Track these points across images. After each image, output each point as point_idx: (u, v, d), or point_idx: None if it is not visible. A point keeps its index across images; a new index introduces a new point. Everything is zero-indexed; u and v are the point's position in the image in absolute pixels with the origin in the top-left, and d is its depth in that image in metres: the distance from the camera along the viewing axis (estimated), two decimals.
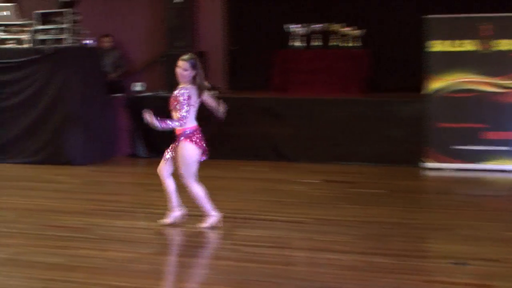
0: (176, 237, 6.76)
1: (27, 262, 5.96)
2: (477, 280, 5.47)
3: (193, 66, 6.76)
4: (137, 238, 6.77)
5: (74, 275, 5.61)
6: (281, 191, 8.88)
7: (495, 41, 10.06)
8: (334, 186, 9.18)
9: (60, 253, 6.19)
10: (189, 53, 6.90)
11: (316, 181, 9.43)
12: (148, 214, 7.75)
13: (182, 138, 6.81)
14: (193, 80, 6.78)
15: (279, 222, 7.26)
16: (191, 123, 6.85)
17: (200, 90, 6.84)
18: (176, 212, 7.03)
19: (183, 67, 6.74)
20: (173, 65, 12.31)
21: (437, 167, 10.16)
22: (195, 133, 6.85)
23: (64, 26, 10.77)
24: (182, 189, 7.01)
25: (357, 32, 12.52)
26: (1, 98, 10.87)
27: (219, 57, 13.41)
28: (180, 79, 6.80)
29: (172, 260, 5.98)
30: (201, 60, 12.62)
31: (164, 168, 6.98)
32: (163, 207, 7.86)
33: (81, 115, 10.69)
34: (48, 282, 5.44)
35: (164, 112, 11.38)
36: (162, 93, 11.93)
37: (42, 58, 10.65)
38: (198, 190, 6.89)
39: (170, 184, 6.98)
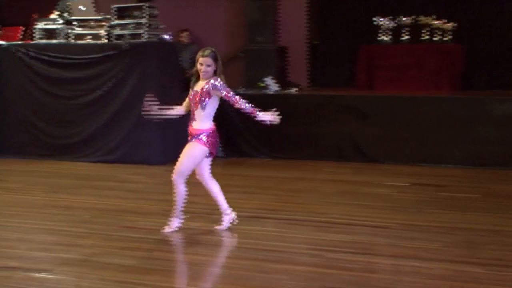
0: (252, 240, 6.77)
1: (100, 263, 6.09)
2: None
3: (215, 60, 6.75)
4: (212, 241, 6.82)
5: (147, 278, 5.69)
6: (365, 194, 8.81)
7: None
8: (422, 190, 9.05)
9: (134, 255, 6.29)
10: (208, 48, 6.83)
11: (403, 184, 9.32)
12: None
13: (196, 139, 6.83)
14: (214, 75, 6.79)
15: (363, 227, 7.21)
16: (210, 123, 6.92)
17: None
18: (230, 214, 7.16)
19: (206, 63, 6.71)
20: (253, 60, 12.61)
21: None
22: (211, 136, 6.89)
23: (141, 20, 10.92)
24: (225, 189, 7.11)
25: (449, 25, 12.31)
26: (77, 95, 11.12)
27: (301, 52, 13.39)
28: (203, 76, 6.77)
29: (249, 264, 6.00)
30: (282, 56, 12.90)
31: (205, 170, 7.06)
32: (241, 209, 7.93)
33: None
34: (121, 285, 5.54)
35: (242, 112, 11.50)
36: (241, 90, 12.02)
37: (119, 54, 10.83)
38: (183, 191, 6.93)
39: (214, 186, 7.15)
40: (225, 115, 11.54)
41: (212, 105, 6.84)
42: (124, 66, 10.81)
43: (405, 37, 12.58)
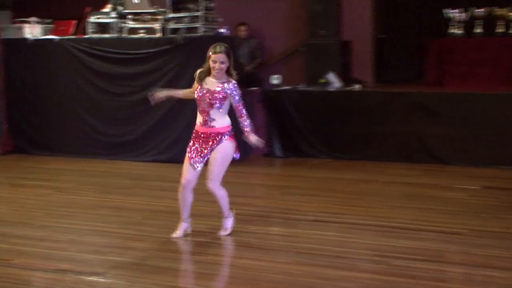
0: (313, 245, 6.75)
1: (153, 267, 6.14)
2: None
3: (229, 56, 6.68)
4: (271, 245, 6.83)
5: (202, 283, 5.74)
6: (435, 197, 8.71)
7: None
8: (496, 193, 8.91)
9: (188, 259, 6.36)
10: (219, 43, 6.73)
11: (475, 187, 9.19)
12: (283, 219, 7.82)
13: (227, 137, 6.79)
14: (228, 72, 6.75)
15: (432, 233, 7.13)
16: (228, 118, 6.86)
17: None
18: (185, 224, 7.10)
19: (220, 60, 6.61)
20: (315, 55, 12.57)
21: None
22: (232, 133, 6.87)
23: (197, 14, 10.98)
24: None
25: None
26: (130, 92, 11.24)
27: (366, 47, 13.30)
28: (217, 74, 6.68)
29: (309, 270, 5.98)
30: (345, 51, 12.84)
31: (194, 180, 6.96)
32: (301, 212, 7.92)
33: None
34: None
35: (302, 107, 11.53)
36: (301, 87, 12.02)
37: (174, 48, 10.92)
38: (224, 193, 7.03)
39: (191, 196, 7.03)
40: (284, 114, 11.56)
41: (228, 103, 6.81)
42: (179, 61, 10.89)
43: (478, 30, 12.38)
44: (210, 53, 6.62)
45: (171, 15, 11.15)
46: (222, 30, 11.41)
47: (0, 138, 11.93)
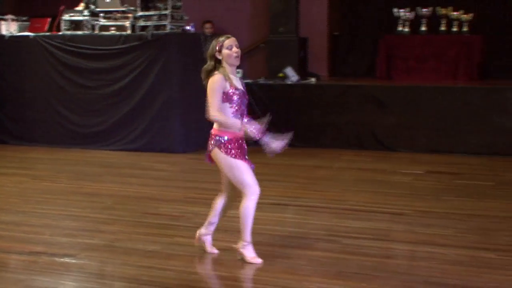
0: (272, 226, 6.79)
1: (124, 248, 6.13)
2: None
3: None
4: (234, 227, 6.82)
5: (171, 263, 5.73)
6: (383, 181, 8.80)
7: None
8: (439, 177, 9.02)
9: (157, 240, 6.33)
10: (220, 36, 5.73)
11: (420, 172, 9.30)
12: None
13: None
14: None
15: (380, 214, 7.21)
16: None
17: None
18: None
19: (235, 44, 5.64)
20: (274, 51, 12.59)
21: None
22: None
23: (165, 12, 10.94)
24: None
25: (467, 16, 12.23)
26: (103, 85, 11.19)
27: (322, 43, 13.38)
28: (238, 59, 5.70)
29: (269, 250, 6.01)
30: (303, 47, 12.88)
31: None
32: (262, 196, 7.91)
33: (180, 102, 10.87)
34: (144, 269, 5.57)
35: (262, 99, 11.55)
36: (262, 80, 12.05)
37: (143, 44, 10.88)
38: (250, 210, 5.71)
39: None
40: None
41: None
42: (148, 56, 10.86)
43: (423, 28, 12.51)
44: (221, 43, 5.58)
45: (141, 13, 11.09)
46: (188, 28, 11.39)
47: None
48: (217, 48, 5.61)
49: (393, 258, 5.87)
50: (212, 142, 5.67)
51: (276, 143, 5.97)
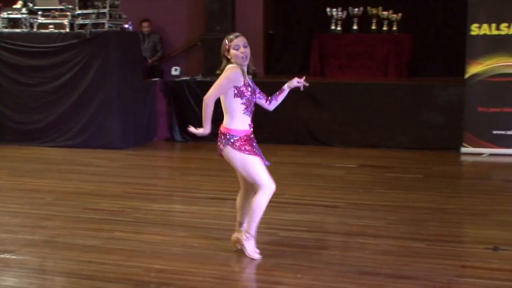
0: (211, 220, 6.79)
1: (64, 244, 6.05)
2: None
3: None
4: (173, 221, 6.84)
5: (110, 257, 5.68)
6: (317, 175, 8.88)
7: None
8: (370, 171, 9.14)
9: (97, 235, 6.27)
10: (230, 34, 5.60)
11: (353, 166, 9.41)
12: (184, 197, 7.84)
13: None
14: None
15: (315, 206, 7.28)
16: None
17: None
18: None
19: (243, 43, 5.47)
20: (211, 49, 12.55)
21: (476, 152, 10.07)
22: None
23: (103, 11, 10.82)
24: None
25: (397, 16, 12.42)
26: (42, 82, 11.00)
27: (258, 41, 13.37)
28: (245, 60, 5.53)
29: (208, 243, 6.01)
30: None
31: None
32: (199, 191, 7.95)
33: (119, 99, 10.78)
34: (85, 264, 5.52)
35: (200, 96, 11.50)
36: (199, 78, 12.02)
37: (82, 42, 10.73)
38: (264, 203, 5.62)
39: None
40: (183, 102, 11.55)
41: None
42: (87, 54, 10.72)
43: (355, 27, 12.65)
44: (228, 42, 5.47)
45: (79, 11, 10.94)
46: (126, 26, 11.29)
47: None
48: (226, 47, 5.51)
49: (327, 249, 5.94)
50: (223, 141, 5.64)
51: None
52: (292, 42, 13.64)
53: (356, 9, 12.58)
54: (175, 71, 12.24)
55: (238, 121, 5.65)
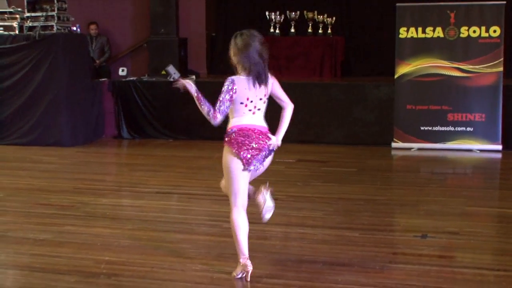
0: (157, 213, 6.76)
1: (16, 238, 5.96)
2: (439, 252, 5.55)
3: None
4: (121, 215, 6.79)
5: (61, 250, 5.62)
6: None
7: (460, 28, 10.13)
8: (308, 165, 9.22)
9: (48, 229, 6.18)
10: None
11: (291, 161, 9.46)
12: (132, 192, 7.78)
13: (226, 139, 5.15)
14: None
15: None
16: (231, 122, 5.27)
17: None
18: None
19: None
20: (156, 50, 12.49)
21: (405, 147, 10.25)
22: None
23: (52, 13, 10.66)
24: None
25: (331, 19, 12.55)
26: None
27: (201, 43, 13.39)
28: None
29: (155, 235, 5.99)
30: (183, 46, 12.83)
31: None
32: (147, 185, 7.90)
33: (68, 98, 10.63)
34: (36, 257, 5.44)
35: (146, 95, 11.45)
36: (145, 78, 11.95)
37: (31, 44, 10.55)
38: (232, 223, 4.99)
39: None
40: (130, 101, 11.46)
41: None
42: (36, 55, 10.54)
43: (292, 30, 12.73)
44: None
45: (28, 14, 10.75)
46: (74, 28, 11.15)
47: None
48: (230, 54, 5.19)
49: (268, 239, 5.96)
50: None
51: None
52: None
53: (293, 13, 12.66)
54: (122, 71, 12.14)
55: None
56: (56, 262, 5.36)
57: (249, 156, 4.99)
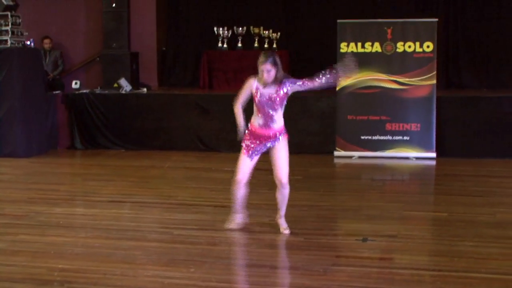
0: (110, 221, 6.67)
1: None
2: (378, 254, 5.61)
3: (275, 63, 6.03)
4: (74, 224, 6.68)
5: (16, 259, 5.50)
6: (207, 178, 8.88)
7: (396, 43, 10.31)
8: (255, 174, 9.08)
9: (1, 239, 6.04)
10: (264, 52, 6.18)
11: None
12: (85, 201, 7.68)
13: (284, 134, 6.37)
14: (275, 79, 6.07)
15: (206, 207, 7.27)
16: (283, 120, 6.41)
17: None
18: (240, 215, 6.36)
19: (267, 69, 5.96)
20: (109, 64, 12.38)
21: (347, 155, 10.34)
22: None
23: (6, 28, 10.46)
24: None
25: (276, 35, 12.62)
26: None
27: (152, 57, 13.32)
28: (267, 80, 6.03)
29: (107, 243, 5.91)
30: (135, 60, 12.74)
31: (249, 174, 6.39)
32: (99, 194, 7.79)
33: (22, 111, 10.42)
34: None
35: (99, 107, 11.33)
36: (98, 90, 11.82)
37: None
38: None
39: (246, 190, 6.37)
40: (83, 113, 11.32)
41: (285, 100, 6.28)
42: None
43: (240, 45, 12.76)
44: (258, 63, 6.01)
45: None
46: (28, 43, 10.96)
47: None
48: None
49: (217, 245, 5.93)
50: None
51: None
52: (183, 58, 13.62)
53: (240, 28, 12.69)
54: (75, 84, 12.00)
55: (253, 118, 6.33)
56: (10, 270, 5.24)
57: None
